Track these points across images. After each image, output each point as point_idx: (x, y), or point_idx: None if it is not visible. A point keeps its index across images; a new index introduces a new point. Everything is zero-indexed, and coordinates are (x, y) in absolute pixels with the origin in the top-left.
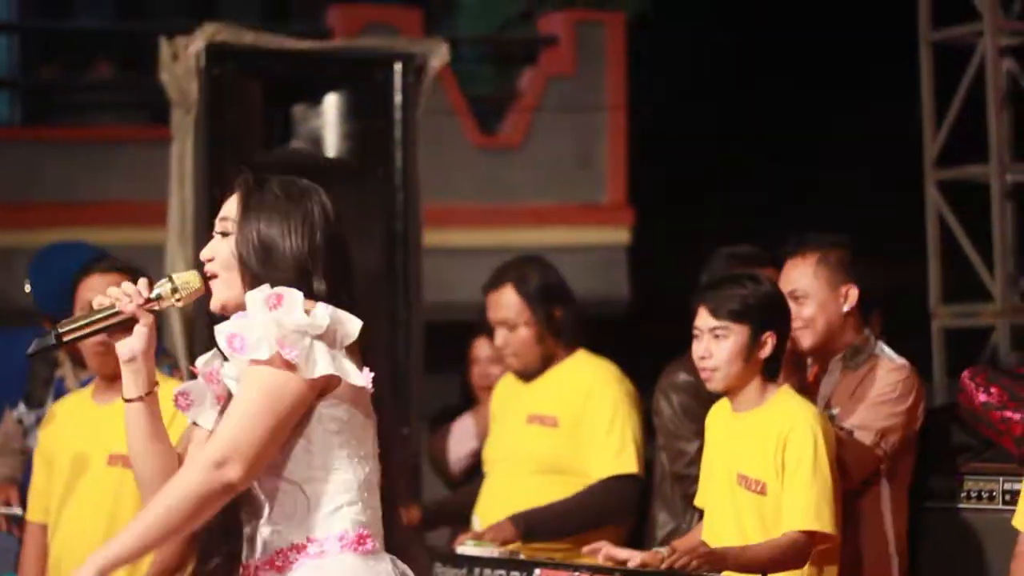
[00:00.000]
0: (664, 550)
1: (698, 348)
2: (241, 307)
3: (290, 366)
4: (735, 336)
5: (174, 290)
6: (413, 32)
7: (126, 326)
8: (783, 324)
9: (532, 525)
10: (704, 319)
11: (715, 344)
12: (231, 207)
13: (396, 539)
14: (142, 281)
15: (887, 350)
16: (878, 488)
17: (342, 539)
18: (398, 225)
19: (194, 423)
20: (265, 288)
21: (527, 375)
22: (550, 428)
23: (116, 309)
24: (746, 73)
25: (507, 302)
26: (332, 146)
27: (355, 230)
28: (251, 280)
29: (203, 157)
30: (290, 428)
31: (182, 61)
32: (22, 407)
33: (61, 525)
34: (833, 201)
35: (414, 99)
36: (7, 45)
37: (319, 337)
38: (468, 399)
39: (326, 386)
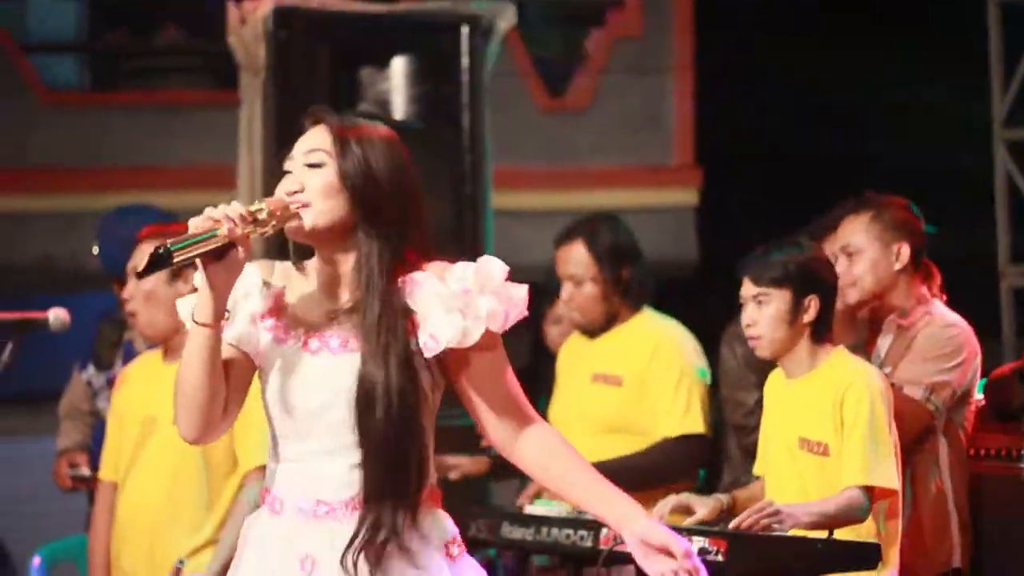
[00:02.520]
0: (725, 498)
1: (744, 316)
2: (330, 231)
3: None
4: (776, 301)
5: (271, 214)
6: None
7: (225, 250)
8: (826, 287)
9: None
10: (747, 287)
11: (758, 311)
12: (319, 138)
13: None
14: (237, 204)
15: (941, 308)
16: (935, 445)
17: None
18: (466, 187)
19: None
20: (500, 263)
21: (590, 331)
22: (614, 387)
23: (217, 232)
24: (814, 34)
25: (576, 257)
26: (399, 109)
27: (423, 192)
28: (359, 202)
29: (271, 121)
30: None
31: (250, 25)
32: (91, 369)
33: (128, 485)
34: (901, 163)
35: (481, 62)
36: (75, 10)
37: None
38: (536, 359)
39: None
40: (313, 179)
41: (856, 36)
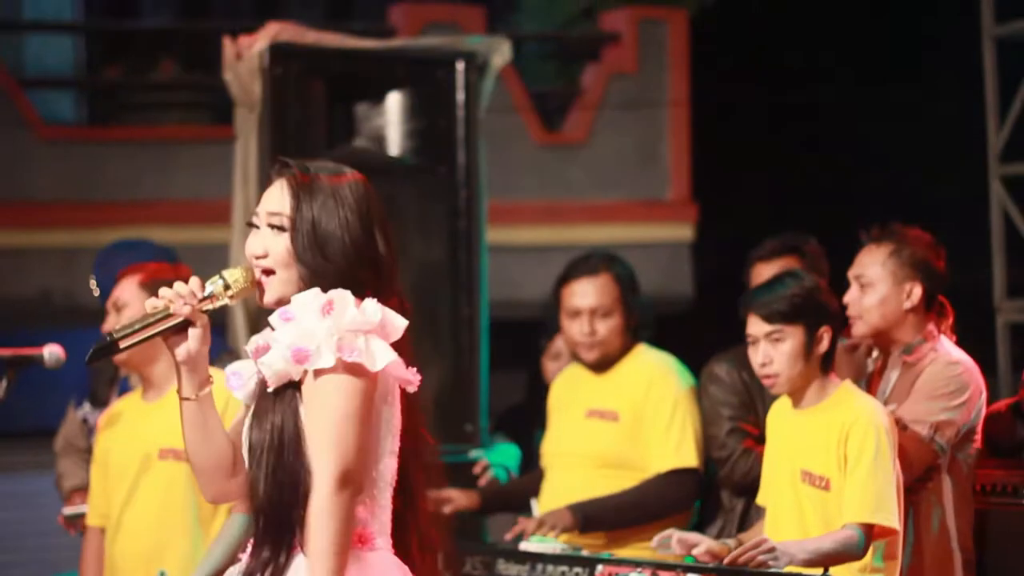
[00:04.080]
0: (732, 542)
1: (756, 355)
2: (292, 296)
3: (354, 367)
4: (792, 337)
5: (226, 287)
6: (476, 30)
7: (181, 328)
8: (835, 315)
9: (591, 515)
10: (757, 325)
11: (773, 349)
12: (282, 201)
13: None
14: (194, 281)
15: (948, 345)
16: (939, 484)
17: None
18: (461, 223)
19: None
20: (313, 294)
21: (599, 366)
22: (610, 422)
23: (170, 311)
24: (808, 69)
25: (606, 289)
26: (395, 144)
27: (418, 228)
28: (309, 275)
29: (266, 156)
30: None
31: (246, 60)
32: (87, 407)
33: (123, 523)
34: (897, 196)
35: (477, 97)
36: (72, 45)
37: (372, 332)
38: (535, 395)
39: None
40: (276, 244)
41: (852, 70)
